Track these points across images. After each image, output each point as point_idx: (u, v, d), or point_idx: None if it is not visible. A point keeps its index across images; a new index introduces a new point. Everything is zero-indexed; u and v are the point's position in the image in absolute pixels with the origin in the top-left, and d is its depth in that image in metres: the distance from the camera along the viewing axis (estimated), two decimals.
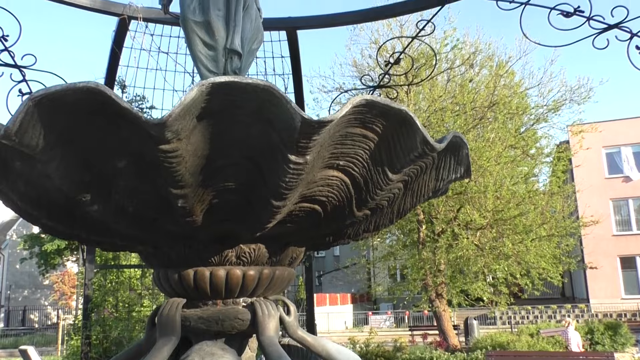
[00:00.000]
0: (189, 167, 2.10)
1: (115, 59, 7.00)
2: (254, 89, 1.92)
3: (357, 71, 19.50)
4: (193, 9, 3.20)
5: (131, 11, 6.46)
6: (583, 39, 5.72)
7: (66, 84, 1.92)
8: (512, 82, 19.39)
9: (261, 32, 3.49)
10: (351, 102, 2.06)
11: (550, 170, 21.10)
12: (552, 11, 5.73)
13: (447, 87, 18.50)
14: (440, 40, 17.85)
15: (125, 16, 6.43)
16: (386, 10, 6.48)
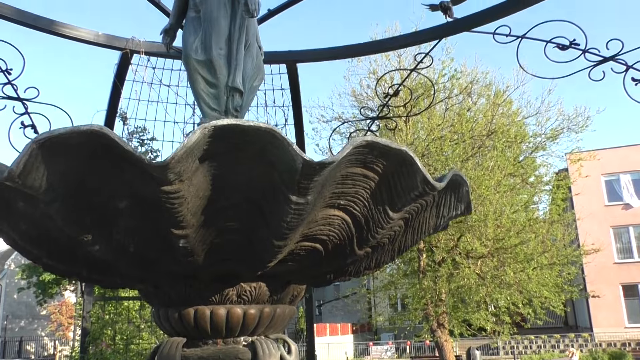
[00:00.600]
0: (191, 208, 2.11)
1: (117, 91, 7.07)
2: (256, 132, 1.95)
3: (356, 101, 19.70)
4: (195, 48, 3.26)
5: (133, 45, 6.56)
6: (579, 71, 5.79)
7: (70, 127, 1.95)
8: (510, 111, 19.55)
9: (262, 70, 3.54)
10: (352, 143, 2.08)
11: (550, 198, 21.11)
12: (548, 44, 5.81)
13: (446, 115, 18.65)
14: (438, 71, 18.09)
15: (128, 50, 6.52)
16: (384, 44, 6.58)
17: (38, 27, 5.88)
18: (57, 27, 6.03)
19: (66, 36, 6.12)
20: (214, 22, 3.27)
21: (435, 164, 17.63)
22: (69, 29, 6.12)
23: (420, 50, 7.28)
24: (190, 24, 3.42)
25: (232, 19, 3.33)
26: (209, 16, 3.30)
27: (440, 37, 6.47)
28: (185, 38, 3.38)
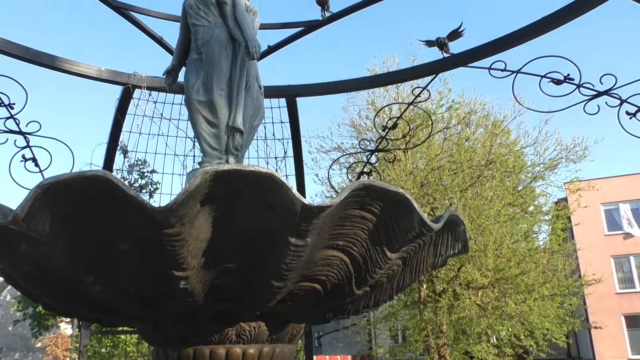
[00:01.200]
0: (192, 250, 2.15)
1: (118, 125, 7.15)
2: (256, 176, 2.00)
3: (355, 131, 19.85)
4: (197, 89, 3.35)
5: (135, 80, 6.66)
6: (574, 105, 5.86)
7: (75, 173, 2.00)
8: (508, 141, 19.69)
9: (262, 109, 3.62)
10: (350, 186, 2.13)
11: (549, 228, 21.09)
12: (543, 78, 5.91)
13: (444, 145, 18.78)
14: (436, 102, 18.28)
15: (130, 85, 6.62)
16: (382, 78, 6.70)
17: (42, 64, 5.99)
18: (60, 63, 6.15)
19: (69, 72, 6.23)
20: (216, 64, 3.36)
21: (434, 193, 17.69)
22: (72, 64, 6.23)
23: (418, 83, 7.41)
24: (192, 66, 3.51)
25: (233, 60, 3.42)
26: (211, 58, 3.39)
27: (437, 72, 6.59)
28: (187, 79, 3.47)
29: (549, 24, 5.65)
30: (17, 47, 5.77)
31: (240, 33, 3.38)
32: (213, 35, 3.44)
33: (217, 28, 3.46)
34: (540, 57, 5.87)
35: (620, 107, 5.51)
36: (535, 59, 5.87)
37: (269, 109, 7.08)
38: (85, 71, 6.31)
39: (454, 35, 6.25)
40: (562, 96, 5.84)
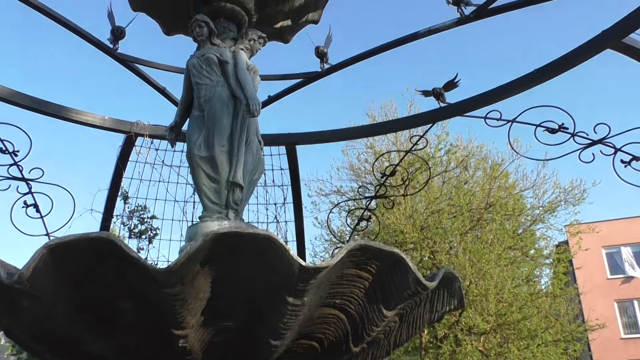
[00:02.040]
0: (191, 309, 2.20)
1: (119, 172, 7.24)
2: (255, 238, 2.07)
3: (354, 175, 20.00)
4: (199, 145, 3.46)
5: (138, 129, 6.79)
6: (569, 153, 5.96)
7: (80, 234, 2.07)
8: (507, 184, 19.81)
9: (262, 164, 3.73)
10: (346, 247, 2.20)
11: (551, 272, 20.97)
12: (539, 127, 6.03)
13: (443, 189, 18.89)
14: (434, 145, 18.49)
15: (133, 133, 6.74)
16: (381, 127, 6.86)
17: (48, 113, 6.13)
18: (65, 112, 6.29)
19: (74, 121, 6.36)
20: (217, 121, 3.48)
21: (434, 237, 17.68)
22: (77, 113, 6.37)
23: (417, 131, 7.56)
24: (194, 122, 3.63)
25: (234, 117, 3.55)
26: (213, 115, 3.51)
27: (434, 121, 6.74)
28: (190, 135, 3.59)
29: (543, 76, 5.81)
30: (24, 97, 5.92)
31: (241, 91, 3.51)
32: (215, 93, 3.57)
33: (219, 86, 3.60)
34: (534, 106, 6.01)
35: (615, 156, 5.61)
36: (530, 109, 6.00)
37: (269, 156, 7.19)
38: (90, 120, 6.44)
39: (450, 86, 6.40)
40: (557, 144, 5.96)
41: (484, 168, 19.96)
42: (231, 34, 3.93)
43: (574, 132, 5.74)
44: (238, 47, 3.82)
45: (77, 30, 5.68)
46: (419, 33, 5.85)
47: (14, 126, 6.06)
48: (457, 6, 5.61)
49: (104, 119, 6.60)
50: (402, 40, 5.92)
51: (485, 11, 5.54)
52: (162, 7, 4.24)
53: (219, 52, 3.67)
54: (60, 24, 5.60)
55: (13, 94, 5.74)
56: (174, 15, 4.26)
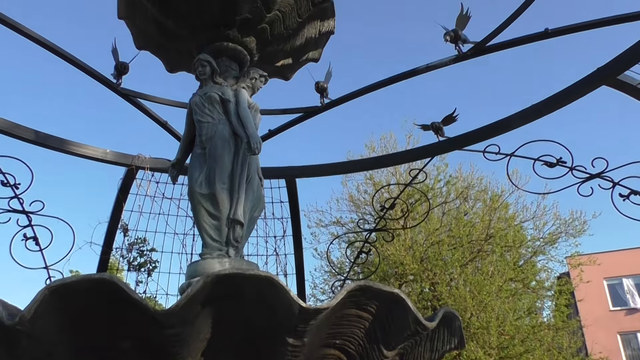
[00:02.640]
0: (191, 349, 2.21)
1: (120, 205, 7.26)
2: (256, 279, 2.09)
3: (354, 205, 20.01)
4: (200, 183, 3.50)
5: (139, 162, 6.85)
6: (568, 187, 6.01)
7: (82, 275, 2.09)
8: (507, 215, 19.80)
9: (262, 201, 3.76)
10: (346, 288, 2.22)
11: (553, 304, 20.80)
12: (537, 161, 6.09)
13: (443, 220, 18.87)
14: (434, 177, 18.56)
15: (134, 166, 6.79)
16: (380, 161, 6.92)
17: (50, 147, 6.19)
18: (67, 145, 6.35)
19: (76, 154, 6.42)
20: (218, 159, 3.53)
21: (434, 269, 17.59)
22: (78, 147, 6.43)
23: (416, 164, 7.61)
24: (196, 160, 3.68)
25: (235, 155, 3.60)
26: (214, 153, 3.56)
27: (433, 154, 6.81)
28: (191, 173, 3.63)
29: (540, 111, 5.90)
30: (26, 130, 5.98)
31: (242, 129, 3.58)
32: (217, 131, 3.63)
33: (220, 124, 3.66)
34: (532, 140, 6.09)
35: (613, 190, 5.67)
36: (528, 143, 6.08)
37: (269, 189, 7.24)
38: (91, 153, 6.50)
39: (448, 120, 6.48)
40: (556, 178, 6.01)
41: (483, 199, 19.98)
42: (233, 72, 4.01)
43: (572, 166, 5.81)
44: (240, 85, 3.90)
45: (81, 65, 5.78)
46: (418, 69, 5.96)
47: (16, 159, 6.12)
48: (455, 44, 5.73)
49: (106, 152, 6.66)
50: (401, 76, 6.02)
51: (483, 48, 5.66)
52: (165, 47, 4.33)
53: (221, 91, 3.75)
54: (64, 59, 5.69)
55: (15, 127, 5.81)
56: (177, 53, 4.35)
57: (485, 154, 6.22)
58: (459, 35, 5.73)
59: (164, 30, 4.02)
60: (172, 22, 3.92)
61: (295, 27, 4.03)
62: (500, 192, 19.94)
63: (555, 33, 5.36)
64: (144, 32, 4.20)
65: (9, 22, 5.14)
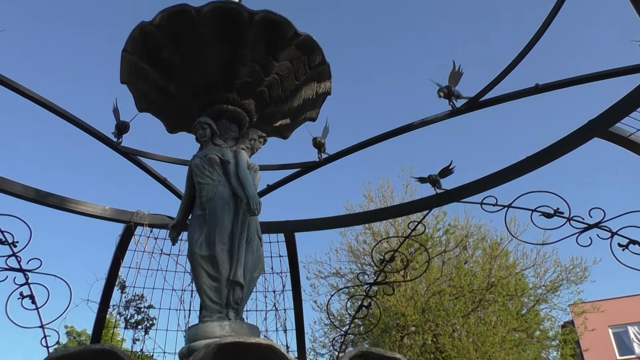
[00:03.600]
0: None
1: (118, 262, 7.24)
2: (257, 347, 2.10)
3: (353, 256, 19.88)
4: (200, 244, 3.53)
5: (138, 218, 6.88)
6: (567, 237, 6.03)
7: (84, 346, 2.10)
8: (507, 263, 19.65)
9: (262, 262, 3.78)
10: (348, 354, 2.22)
11: (558, 354, 20.38)
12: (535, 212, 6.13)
13: (443, 269, 18.72)
14: (432, 226, 18.54)
15: (132, 223, 6.82)
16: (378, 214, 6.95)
17: (50, 205, 6.23)
18: (67, 203, 6.39)
19: (75, 211, 6.46)
20: (219, 220, 3.57)
21: (436, 319, 17.34)
22: (77, 204, 6.47)
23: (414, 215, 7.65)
24: (196, 221, 3.72)
25: (235, 216, 3.64)
26: (214, 214, 3.61)
27: (431, 207, 6.85)
28: (191, 234, 3.67)
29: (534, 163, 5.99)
30: (26, 188, 6.04)
31: (242, 190, 3.63)
32: (217, 192, 3.68)
33: (220, 186, 3.72)
34: (529, 192, 6.15)
35: (612, 239, 5.69)
36: (525, 194, 6.14)
37: (268, 244, 7.24)
38: (91, 210, 6.54)
39: (445, 172, 6.56)
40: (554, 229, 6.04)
41: (483, 247, 19.91)
42: (232, 134, 4.11)
43: (570, 217, 5.86)
44: (239, 146, 3.98)
45: (82, 124, 5.89)
46: (413, 124, 6.10)
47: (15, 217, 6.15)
48: (449, 99, 5.89)
49: (105, 209, 6.70)
50: (397, 131, 6.15)
51: (476, 104, 5.81)
52: (166, 109, 4.45)
53: (221, 152, 3.83)
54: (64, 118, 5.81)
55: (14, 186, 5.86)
56: (178, 115, 4.47)
57: (483, 205, 6.27)
58: (452, 91, 5.90)
59: (165, 93, 4.14)
60: (173, 86, 4.04)
61: (293, 89, 4.15)
62: (499, 239, 19.89)
63: (545, 88, 5.53)
64: (146, 95, 4.33)
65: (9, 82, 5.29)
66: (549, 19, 5.12)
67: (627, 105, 5.06)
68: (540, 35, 5.20)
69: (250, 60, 3.98)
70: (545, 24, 5.13)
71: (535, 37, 5.24)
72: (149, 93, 4.27)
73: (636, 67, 4.97)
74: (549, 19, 5.12)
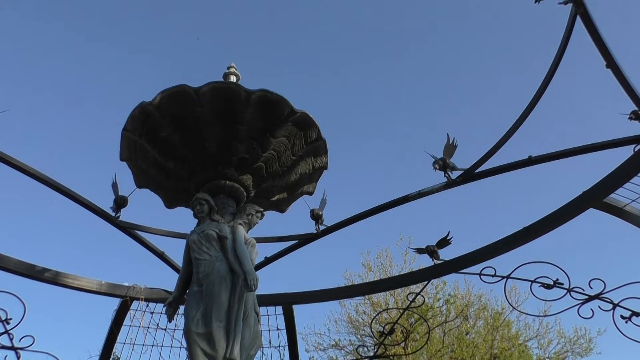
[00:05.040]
0: None
1: (112, 337, 7.04)
2: None
3: (353, 327, 19.36)
4: (197, 321, 3.44)
5: (134, 292, 6.75)
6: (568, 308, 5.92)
7: None
8: (510, 334, 19.13)
9: (259, 338, 3.68)
10: None
11: None
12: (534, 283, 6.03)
13: (445, 340, 18.20)
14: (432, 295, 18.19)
15: (128, 298, 6.69)
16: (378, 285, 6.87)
17: (45, 280, 6.14)
18: (62, 278, 6.29)
19: (70, 287, 6.35)
20: (215, 296, 3.51)
21: None
22: (73, 279, 6.37)
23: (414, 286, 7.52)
24: (192, 298, 3.66)
25: (232, 292, 3.58)
26: (211, 290, 3.55)
27: (430, 278, 6.78)
28: (188, 311, 3.59)
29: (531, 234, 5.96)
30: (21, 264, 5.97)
31: (239, 266, 3.60)
32: (214, 268, 3.64)
33: (217, 261, 3.69)
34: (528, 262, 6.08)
35: (614, 311, 5.58)
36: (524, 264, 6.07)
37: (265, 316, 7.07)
38: (86, 285, 6.44)
39: (443, 243, 6.52)
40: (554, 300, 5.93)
41: (484, 317, 19.47)
42: (230, 209, 4.12)
43: (570, 288, 5.77)
44: (236, 221, 3.98)
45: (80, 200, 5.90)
46: (409, 196, 6.13)
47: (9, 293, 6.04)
48: (444, 171, 5.95)
49: (101, 284, 6.60)
50: (393, 203, 6.18)
51: (471, 175, 5.86)
52: (165, 185, 4.47)
53: (218, 228, 3.82)
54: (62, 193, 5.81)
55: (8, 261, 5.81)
56: (176, 191, 4.48)
57: (482, 276, 6.19)
58: (447, 163, 5.96)
59: (164, 170, 4.17)
60: (172, 163, 4.08)
61: (290, 165, 4.20)
62: (500, 309, 19.48)
63: (538, 160, 5.60)
64: (145, 172, 4.37)
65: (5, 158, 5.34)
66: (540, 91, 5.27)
67: (621, 176, 5.11)
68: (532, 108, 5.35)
69: (247, 137, 4.05)
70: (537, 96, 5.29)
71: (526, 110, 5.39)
72: (148, 170, 4.31)
73: (627, 139, 5.07)
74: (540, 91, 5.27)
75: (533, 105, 5.32)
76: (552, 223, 5.76)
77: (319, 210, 6.35)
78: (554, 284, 5.91)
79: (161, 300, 6.92)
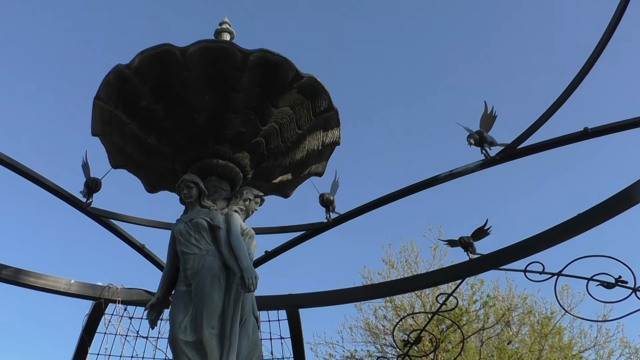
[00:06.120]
0: None
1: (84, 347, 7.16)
2: None
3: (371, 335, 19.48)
4: (184, 328, 3.49)
5: (109, 294, 6.85)
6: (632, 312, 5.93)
7: None
8: (562, 343, 19.19)
9: (259, 347, 3.74)
10: None
11: None
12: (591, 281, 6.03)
13: (482, 351, 18.31)
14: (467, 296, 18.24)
15: (102, 300, 6.78)
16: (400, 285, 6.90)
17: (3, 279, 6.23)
18: (23, 276, 6.38)
19: (33, 287, 6.45)
20: (207, 298, 3.56)
21: None
22: (36, 278, 6.46)
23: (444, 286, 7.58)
24: (179, 299, 3.71)
25: (227, 292, 3.63)
26: (201, 290, 3.60)
27: (464, 276, 6.80)
28: (174, 315, 3.64)
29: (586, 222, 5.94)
30: None
31: (235, 262, 3.63)
32: (204, 264, 3.69)
33: (209, 256, 3.73)
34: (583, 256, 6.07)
35: None
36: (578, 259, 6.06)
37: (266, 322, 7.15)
38: (52, 285, 6.53)
39: (480, 234, 6.50)
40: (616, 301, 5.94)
41: (530, 323, 19.53)
42: (224, 193, 4.16)
43: (635, 287, 5.76)
44: (231, 208, 4.01)
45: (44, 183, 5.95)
46: (440, 177, 6.14)
47: None
48: (481, 147, 5.93)
49: (70, 284, 6.69)
50: (420, 186, 6.19)
51: (514, 152, 5.85)
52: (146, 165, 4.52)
53: (210, 216, 3.86)
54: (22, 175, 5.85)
55: None
56: (159, 172, 4.54)
57: (527, 273, 6.20)
58: (484, 138, 5.94)
59: (145, 147, 4.21)
60: (154, 139, 4.12)
61: (295, 140, 4.22)
62: (550, 313, 19.53)
63: (596, 133, 5.58)
64: (122, 149, 4.41)
65: None
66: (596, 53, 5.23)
67: None
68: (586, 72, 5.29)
69: (243, 107, 4.07)
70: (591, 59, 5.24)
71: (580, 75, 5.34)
72: (125, 147, 4.36)
73: None
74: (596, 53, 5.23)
75: (587, 69, 5.28)
76: (613, 209, 5.75)
77: (330, 195, 6.37)
78: (616, 282, 5.90)
79: (141, 302, 7.01)
